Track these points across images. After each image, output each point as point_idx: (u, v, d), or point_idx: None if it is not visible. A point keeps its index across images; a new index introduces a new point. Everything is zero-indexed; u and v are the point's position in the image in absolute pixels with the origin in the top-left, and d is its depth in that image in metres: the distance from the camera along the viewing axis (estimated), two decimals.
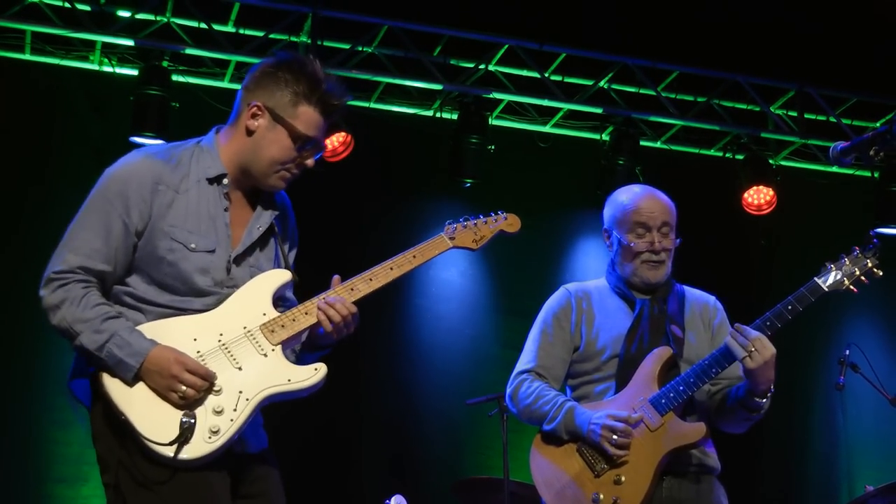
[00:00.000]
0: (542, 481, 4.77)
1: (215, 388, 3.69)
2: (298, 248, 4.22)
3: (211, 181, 3.88)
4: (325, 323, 3.86)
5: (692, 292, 5.03)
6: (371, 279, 4.00)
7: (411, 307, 9.49)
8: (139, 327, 3.71)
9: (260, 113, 3.85)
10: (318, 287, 4.05)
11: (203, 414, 3.66)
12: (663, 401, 4.62)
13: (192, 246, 3.80)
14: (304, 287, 4.08)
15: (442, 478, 8.61)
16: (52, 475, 8.37)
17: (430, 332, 9.51)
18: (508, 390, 4.97)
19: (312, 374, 3.82)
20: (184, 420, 3.61)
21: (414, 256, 4.12)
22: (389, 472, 9.17)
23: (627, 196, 4.95)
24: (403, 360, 9.41)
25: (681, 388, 4.62)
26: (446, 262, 9.54)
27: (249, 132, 3.87)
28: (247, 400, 3.72)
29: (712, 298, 5.04)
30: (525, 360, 4.98)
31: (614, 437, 4.56)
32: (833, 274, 4.63)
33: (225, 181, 3.89)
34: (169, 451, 3.60)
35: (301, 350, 4.01)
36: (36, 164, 8.65)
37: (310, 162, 3.94)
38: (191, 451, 3.62)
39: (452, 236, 4.25)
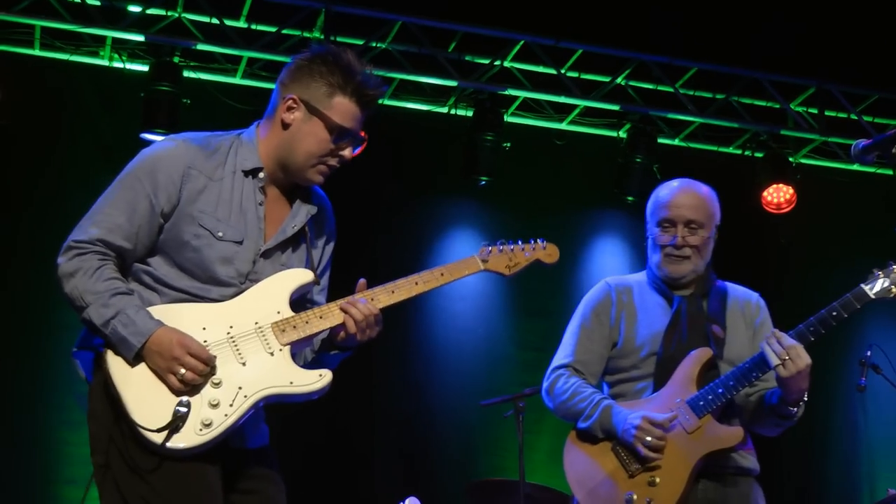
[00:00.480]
0: (575, 478, 4.74)
1: (214, 381, 3.65)
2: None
3: (247, 174, 3.87)
4: (347, 322, 3.81)
5: (735, 289, 5.00)
6: (394, 291, 3.94)
7: (425, 306, 9.42)
8: (150, 308, 3.69)
9: (295, 106, 3.85)
10: (332, 283, 4.06)
11: (198, 405, 3.61)
12: (701, 403, 4.59)
13: (220, 234, 3.78)
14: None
15: (456, 479, 8.60)
16: (61, 476, 8.33)
17: (444, 332, 9.49)
18: (545, 385, 4.94)
19: (316, 379, 3.75)
20: (178, 408, 3.56)
21: (442, 274, 4.04)
22: (403, 473, 9.14)
23: (665, 190, 4.93)
24: (417, 360, 9.39)
25: (720, 390, 4.59)
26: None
27: (285, 126, 3.87)
28: (245, 397, 3.66)
29: (755, 296, 5.00)
30: (563, 355, 4.95)
31: (648, 439, 4.54)
32: (881, 281, 4.56)
33: (261, 175, 3.88)
34: (157, 438, 3.55)
35: (321, 350, 3.98)
36: (45, 162, 8.62)
37: (347, 154, 3.91)
38: (179, 441, 3.57)
39: (486, 259, 4.15)
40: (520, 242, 4.26)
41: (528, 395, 7.07)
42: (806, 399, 4.54)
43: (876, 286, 4.55)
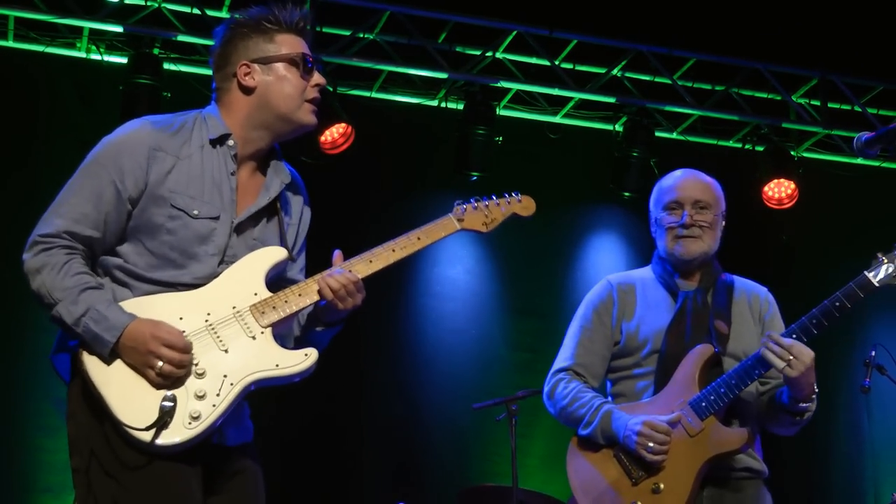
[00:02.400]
0: (580, 486, 4.69)
1: (198, 371, 3.58)
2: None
3: (214, 143, 3.83)
4: (325, 292, 3.76)
5: (742, 282, 4.94)
6: (371, 260, 3.89)
7: (415, 307, 9.43)
8: (123, 303, 3.63)
9: (250, 69, 3.85)
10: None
11: (184, 398, 3.54)
12: (703, 404, 4.52)
13: (195, 213, 3.73)
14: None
15: (447, 486, 8.53)
16: (39, 485, 8.26)
17: (434, 333, 9.43)
18: (546, 389, 4.91)
19: (302, 359, 3.68)
20: (164, 404, 3.49)
21: (419, 238, 3.98)
22: (393, 479, 9.07)
23: (669, 179, 4.92)
24: (407, 363, 9.34)
25: (722, 390, 4.51)
26: (452, 259, 9.55)
27: (250, 90, 3.85)
28: (231, 385, 3.60)
29: (764, 290, 4.95)
30: (563, 357, 4.91)
31: (651, 444, 4.48)
32: (885, 267, 4.47)
33: (230, 142, 3.84)
34: (146, 437, 3.48)
35: (307, 326, 3.94)
36: (20, 157, 8.52)
37: (319, 79, 3.91)
38: (169, 437, 3.50)
39: (461, 217, 4.09)
40: (494, 197, 4.23)
41: (520, 398, 7.04)
42: (817, 390, 4.49)
43: (881, 273, 4.46)
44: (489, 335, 9.51)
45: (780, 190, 9.63)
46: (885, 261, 4.44)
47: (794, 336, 4.41)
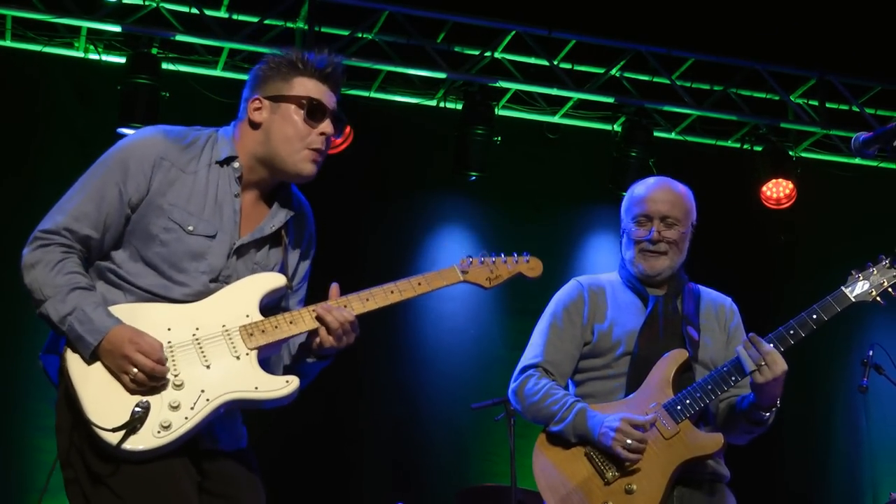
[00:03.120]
0: (546, 485, 4.63)
1: (177, 383, 3.58)
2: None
3: (221, 163, 3.84)
4: (321, 330, 3.77)
5: (708, 293, 4.94)
6: (368, 299, 3.88)
7: (413, 306, 9.33)
8: (114, 307, 3.64)
9: (260, 105, 3.86)
10: (315, 282, 4.03)
11: (158, 406, 3.53)
12: (679, 407, 4.51)
13: (190, 228, 3.74)
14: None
15: (446, 485, 8.53)
16: (37, 485, 8.16)
17: (433, 333, 9.43)
18: (513, 385, 4.85)
19: (283, 385, 3.68)
20: (135, 409, 3.48)
21: (419, 284, 4.00)
22: (392, 479, 9.05)
23: (641, 187, 4.89)
24: (405, 362, 9.33)
25: (697, 395, 4.51)
26: (450, 259, 9.23)
27: (257, 125, 3.86)
28: (207, 400, 3.58)
29: (728, 300, 4.95)
30: (531, 355, 4.86)
31: (628, 441, 4.44)
32: (860, 284, 4.53)
33: (236, 164, 3.84)
34: (112, 438, 3.45)
35: (298, 356, 3.92)
36: (18, 157, 8.52)
37: (328, 129, 3.87)
38: (136, 443, 3.48)
39: (465, 270, 4.12)
40: (502, 256, 4.25)
41: None
42: (778, 405, 4.50)
43: (856, 289, 4.51)
44: (488, 335, 9.49)
45: (778, 190, 9.65)
46: (861, 277, 4.49)
47: (770, 345, 4.42)
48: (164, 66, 8.59)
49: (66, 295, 3.57)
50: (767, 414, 4.48)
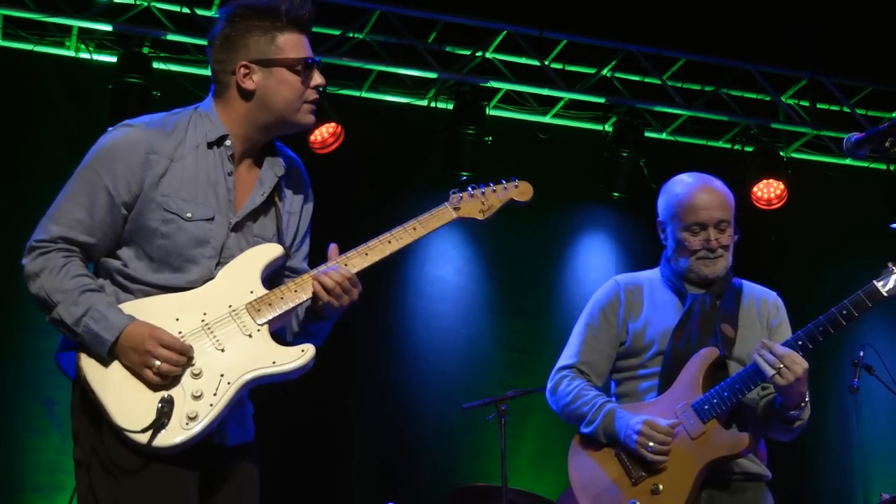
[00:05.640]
0: (580, 484, 4.70)
1: (195, 371, 3.58)
2: None
3: (211, 145, 3.79)
4: (319, 292, 3.74)
5: (752, 287, 4.94)
6: (367, 253, 3.87)
7: (405, 306, 9.39)
8: (120, 305, 3.63)
9: (249, 70, 3.77)
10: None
11: (181, 398, 3.54)
12: (706, 407, 4.54)
13: (188, 215, 3.71)
14: None
15: (437, 486, 8.49)
16: (27, 484, 8.20)
17: (424, 333, 9.39)
18: (549, 385, 4.92)
19: (299, 355, 3.67)
20: (160, 405, 3.49)
21: (415, 228, 3.97)
22: (382, 479, 9.04)
23: (682, 187, 4.84)
24: (396, 362, 9.30)
25: (725, 394, 4.53)
26: (441, 259, 9.50)
27: (249, 92, 3.79)
28: (228, 384, 3.59)
29: (773, 295, 4.94)
30: (568, 355, 4.91)
31: (651, 444, 4.49)
32: (894, 277, 4.47)
33: (228, 142, 3.79)
34: (143, 438, 3.48)
35: (305, 319, 3.89)
36: (8, 157, 8.49)
37: (319, 80, 3.86)
38: (166, 438, 3.50)
39: (457, 206, 4.06)
40: (491, 185, 4.20)
41: (510, 398, 6.99)
42: (808, 400, 4.50)
43: (890, 283, 4.46)
44: (479, 335, 9.47)
45: (769, 190, 9.61)
46: (895, 271, 4.45)
47: (800, 342, 4.43)
48: (156, 65, 8.55)
49: (78, 297, 3.56)
50: (797, 412, 4.48)
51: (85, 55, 8.67)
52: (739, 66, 9.59)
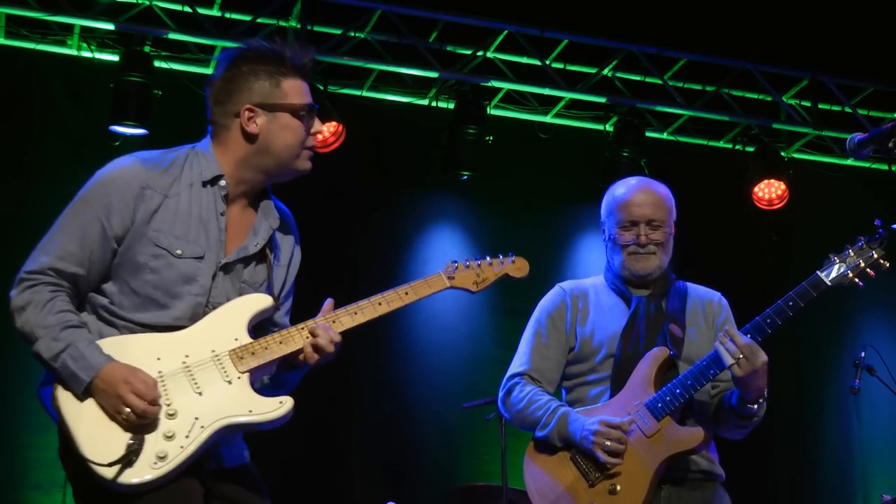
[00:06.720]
0: (536, 491, 4.68)
1: (170, 412, 3.57)
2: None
3: (205, 184, 3.81)
4: (307, 349, 3.76)
5: (696, 289, 4.94)
6: (356, 313, 3.89)
7: (405, 305, 9.20)
8: (101, 341, 3.62)
9: (254, 113, 3.81)
10: (309, 280, 4.05)
11: (153, 438, 3.52)
12: (659, 405, 4.52)
13: (178, 252, 3.72)
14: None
15: (437, 485, 8.52)
16: (28, 482, 8.23)
17: (424, 332, 9.37)
18: (500, 394, 4.89)
19: (276, 407, 3.66)
20: (130, 441, 3.48)
21: (406, 293, 3.99)
22: (382, 478, 9.05)
23: (622, 188, 4.89)
24: (396, 361, 9.30)
25: (677, 391, 4.52)
26: (441, 258, 9.29)
27: (253, 136, 3.82)
28: (202, 427, 3.57)
29: (717, 295, 4.94)
30: (518, 363, 4.89)
31: (607, 443, 4.46)
32: (837, 267, 4.52)
33: (222, 182, 3.82)
34: (109, 473, 3.44)
35: (279, 368, 3.89)
36: (10, 155, 8.46)
37: (319, 126, 3.91)
38: (133, 476, 3.47)
39: (451, 276, 4.10)
40: (487, 258, 4.24)
41: None
42: (766, 397, 4.50)
43: (832, 272, 4.50)
44: (479, 334, 9.47)
45: (770, 191, 9.62)
46: (837, 261, 4.48)
47: (748, 335, 4.43)
48: (157, 64, 8.55)
49: (59, 332, 3.55)
50: (755, 406, 4.48)
51: (87, 54, 8.67)
52: (740, 66, 9.59)
